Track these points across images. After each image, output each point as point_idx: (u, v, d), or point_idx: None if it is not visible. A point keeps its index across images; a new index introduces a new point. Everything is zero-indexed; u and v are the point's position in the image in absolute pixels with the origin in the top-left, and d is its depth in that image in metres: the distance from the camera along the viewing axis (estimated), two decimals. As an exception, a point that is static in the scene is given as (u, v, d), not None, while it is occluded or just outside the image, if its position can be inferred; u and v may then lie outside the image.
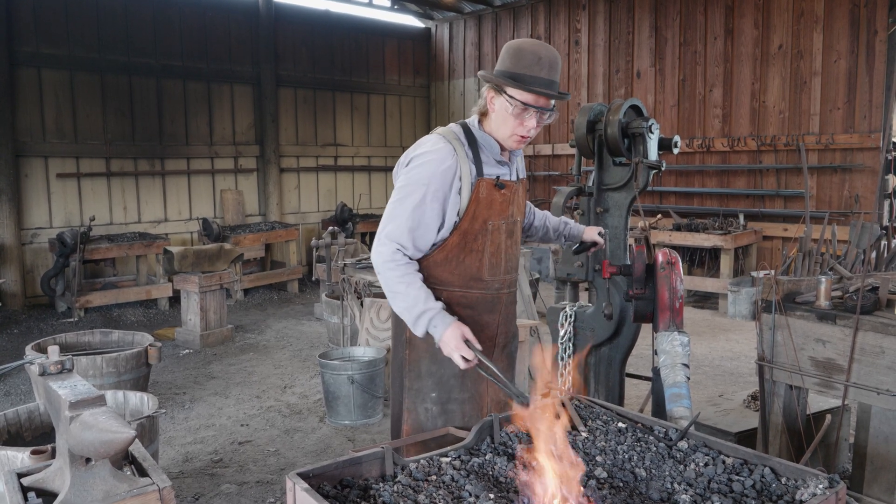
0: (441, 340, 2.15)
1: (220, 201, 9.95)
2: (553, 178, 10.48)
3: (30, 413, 3.34)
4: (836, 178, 7.99)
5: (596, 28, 10.10)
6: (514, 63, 2.17)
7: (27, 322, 7.63)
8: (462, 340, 2.12)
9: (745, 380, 5.50)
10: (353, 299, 5.56)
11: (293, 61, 10.58)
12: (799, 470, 1.80)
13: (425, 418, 2.39)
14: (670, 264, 2.76)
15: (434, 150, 2.22)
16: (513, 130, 2.22)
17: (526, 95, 2.16)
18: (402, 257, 2.20)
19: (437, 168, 2.19)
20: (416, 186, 2.19)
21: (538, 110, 2.18)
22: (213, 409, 5.08)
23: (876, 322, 2.65)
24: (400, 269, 2.18)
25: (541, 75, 2.16)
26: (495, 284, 2.37)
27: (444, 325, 2.14)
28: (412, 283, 2.17)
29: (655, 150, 3.47)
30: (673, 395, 2.51)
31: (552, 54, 2.19)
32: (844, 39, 7.80)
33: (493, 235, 2.30)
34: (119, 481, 2.23)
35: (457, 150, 2.22)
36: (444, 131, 2.29)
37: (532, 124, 2.21)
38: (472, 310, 2.33)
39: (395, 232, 2.20)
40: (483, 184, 2.24)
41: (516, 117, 2.19)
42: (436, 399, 2.36)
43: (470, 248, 2.28)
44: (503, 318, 2.42)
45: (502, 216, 2.32)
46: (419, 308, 2.15)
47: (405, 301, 2.18)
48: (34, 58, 8.21)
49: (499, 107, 2.21)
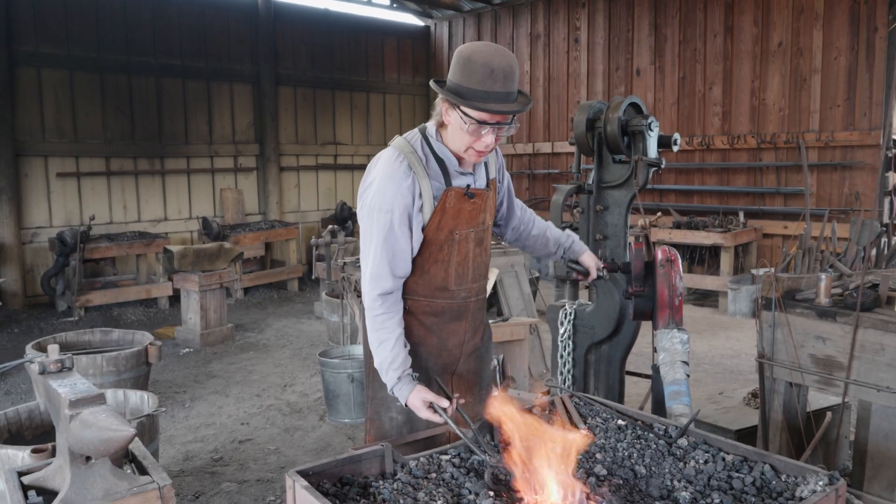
0: (407, 404, 2.13)
1: (219, 200, 9.95)
2: (553, 177, 10.48)
3: (30, 412, 3.34)
4: (836, 175, 7.99)
5: (595, 26, 10.10)
6: (465, 77, 2.00)
7: (27, 321, 7.64)
8: (426, 406, 2.07)
9: (746, 377, 5.50)
10: (353, 297, 5.56)
11: (293, 60, 10.58)
12: (799, 467, 1.80)
13: (390, 427, 2.35)
14: (669, 262, 2.76)
15: (391, 172, 2.12)
16: (469, 145, 2.10)
17: (481, 114, 2.01)
18: (380, 305, 2.14)
19: (397, 191, 2.09)
20: (380, 215, 2.11)
21: (495, 125, 2.05)
22: (214, 407, 5.08)
23: (876, 319, 2.65)
24: (376, 321, 2.15)
25: (495, 89, 1.99)
26: (462, 293, 2.29)
27: (405, 394, 2.11)
28: (384, 342, 2.14)
29: (655, 148, 3.46)
30: (672, 392, 2.51)
31: (506, 62, 2.01)
32: (844, 36, 7.79)
33: (461, 245, 2.22)
34: (119, 479, 2.23)
35: (414, 167, 2.12)
36: (401, 145, 2.17)
37: (489, 140, 2.08)
38: (438, 318, 2.28)
39: (375, 272, 2.14)
40: (451, 193, 2.15)
41: (472, 133, 2.05)
42: (400, 408, 2.29)
43: (435, 259, 2.21)
44: (470, 325, 2.36)
45: (471, 224, 2.23)
46: (384, 370, 2.14)
47: (377, 357, 2.17)
48: (34, 57, 8.21)
49: (454, 121, 2.08)
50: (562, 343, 3.54)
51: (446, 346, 2.31)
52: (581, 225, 3.67)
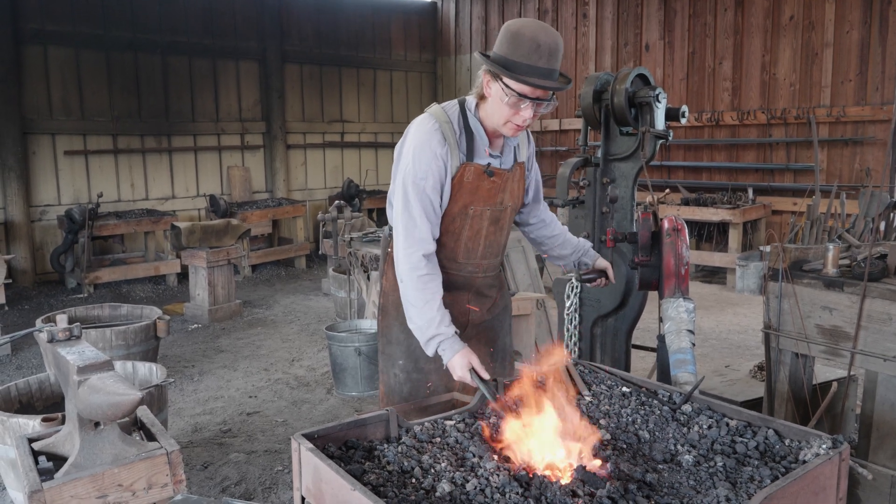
0: (448, 364, 2.14)
1: (226, 178, 9.95)
2: (560, 154, 10.41)
3: (40, 383, 3.38)
4: (846, 151, 7.90)
5: (604, 0, 9.96)
6: (511, 49, 2.05)
7: (37, 298, 7.71)
8: (468, 370, 2.09)
9: (752, 352, 5.49)
10: (360, 273, 5.57)
11: (299, 37, 10.51)
12: (803, 431, 1.80)
13: (394, 383, 2.42)
14: (676, 231, 2.74)
15: (426, 140, 2.17)
16: (508, 118, 2.14)
17: (522, 87, 2.05)
18: (424, 266, 2.15)
19: (431, 160, 2.15)
20: (416, 181, 2.16)
21: (535, 101, 2.09)
22: (222, 381, 5.12)
23: (884, 289, 2.63)
24: (421, 280, 2.14)
25: (539, 64, 2.04)
26: (468, 267, 2.35)
27: (453, 352, 2.12)
28: (430, 302, 2.13)
29: (663, 120, 3.43)
30: (678, 360, 2.51)
31: (553, 40, 2.06)
32: (857, 10, 7.66)
33: (474, 221, 2.27)
34: (128, 445, 2.26)
35: (447, 137, 2.17)
36: (438, 114, 2.22)
37: (528, 114, 2.12)
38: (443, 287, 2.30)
39: (419, 235, 2.16)
40: (469, 168, 2.20)
41: (511, 107, 2.10)
42: (402, 367, 2.38)
43: (446, 229, 2.25)
44: (474, 297, 2.40)
45: (488, 203, 2.27)
46: (431, 331, 2.13)
47: (420, 319, 2.15)
48: (40, 35, 8.19)
49: (495, 93, 2.12)
50: (568, 316, 3.54)
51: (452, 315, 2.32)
52: (587, 198, 3.66)
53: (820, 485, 1.62)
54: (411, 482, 1.64)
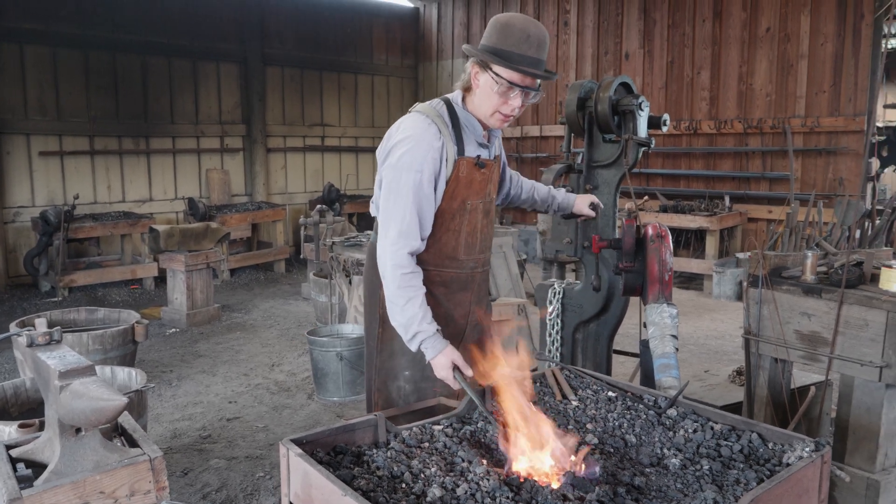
0: (431, 363, 2.13)
1: (205, 181, 9.86)
2: (541, 160, 10.48)
3: (16, 388, 3.31)
4: (820, 160, 8.06)
5: (585, 9, 10.07)
6: (501, 39, 2.10)
7: (10, 301, 7.56)
8: (451, 369, 2.08)
9: (730, 357, 5.57)
10: (341, 277, 5.55)
11: (280, 40, 10.46)
12: (786, 435, 1.83)
13: (397, 396, 2.37)
14: (660, 237, 2.78)
15: (420, 133, 2.16)
16: (496, 108, 2.16)
17: (512, 74, 2.09)
18: (408, 262, 2.13)
19: (427, 152, 2.13)
20: (409, 174, 2.12)
21: (523, 90, 2.12)
22: (201, 386, 5.06)
23: (860, 295, 2.69)
24: (405, 278, 2.12)
25: (528, 53, 2.09)
26: (470, 263, 2.35)
27: (435, 351, 2.10)
28: (412, 299, 2.11)
29: (645, 128, 3.47)
30: (662, 365, 2.54)
31: (541, 32, 2.13)
32: (831, 23, 7.83)
33: (471, 215, 2.28)
34: (110, 451, 2.22)
35: (441, 130, 2.17)
36: (427, 110, 2.22)
37: (517, 104, 2.15)
38: (446, 288, 2.32)
39: (406, 230, 2.13)
40: (464, 163, 2.21)
41: (501, 95, 2.13)
42: (409, 377, 2.35)
43: (447, 227, 2.26)
44: (475, 296, 2.41)
45: (480, 196, 2.29)
46: (414, 328, 2.11)
47: (402, 316, 2.13)
48: (15, 33, 8.05)
49: (483, 83, 2.15)
50: (550, 321, 3.56)
51: (453, 317, 2.33)
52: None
53: (803, 487, 1.65)
54: (402, 487, 1.64)
